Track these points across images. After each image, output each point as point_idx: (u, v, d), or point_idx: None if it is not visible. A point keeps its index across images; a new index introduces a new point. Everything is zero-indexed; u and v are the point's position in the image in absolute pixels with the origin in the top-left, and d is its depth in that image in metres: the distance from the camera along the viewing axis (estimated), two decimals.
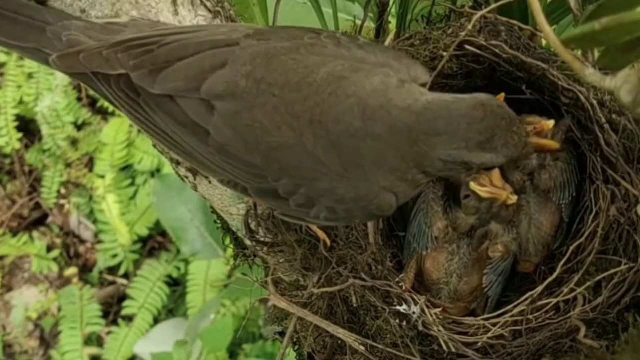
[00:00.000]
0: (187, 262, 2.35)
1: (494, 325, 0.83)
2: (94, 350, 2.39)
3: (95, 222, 2.55)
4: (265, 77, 0.66)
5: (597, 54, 0.82)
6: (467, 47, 0.85)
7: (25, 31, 0.69)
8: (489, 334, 0.82)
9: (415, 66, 0.70)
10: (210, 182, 0.85)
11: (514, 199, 0.85)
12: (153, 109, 0.68)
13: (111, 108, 2.57)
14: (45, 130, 2.54)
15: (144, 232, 2.44)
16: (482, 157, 0.64)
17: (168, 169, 2.33)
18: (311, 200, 0.68)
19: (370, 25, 0.93)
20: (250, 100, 0.66)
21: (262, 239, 0.87)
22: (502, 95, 0.72)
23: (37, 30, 0.69)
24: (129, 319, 2.38)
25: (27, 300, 2.52)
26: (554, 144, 0.74)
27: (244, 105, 0.66)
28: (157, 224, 2.42)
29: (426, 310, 0.82)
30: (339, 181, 0.66)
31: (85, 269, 2.59)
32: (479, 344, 0.82)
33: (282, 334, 0.93)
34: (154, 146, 0.88)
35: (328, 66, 0.66)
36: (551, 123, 0.85)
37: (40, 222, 2.65)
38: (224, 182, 0.73)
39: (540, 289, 0.84)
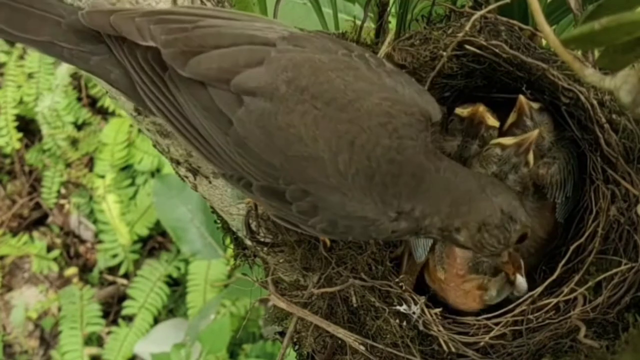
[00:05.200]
0: (187, 262, 2.35)
1: (495, 325, 0.83)
2: (94, 350, 2.39)
3: (95, 222, 2.55)
4: (310, 88, 0.67)
5: (597, 54, 0.82)
6: (467, 47, 0.85)
7: (39, 25, 0.68)
8: (490, 334, 0.82)
9: (433, 104, 0.73)
10: (210, 182, 0.85)
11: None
12: (178, 88, 0.67)
13: (111, 107, 2.57)
14: (45, 130, 2.54)
15: (144, 232, 2.45)
16: (526, 216, 0.73)
17: (168, 169, 2.33)
18: (315, 210, 0.68)
19: (370, 25, 0.93)
20: (289, 105, 0.66)
21: (262, 239, 0.87)
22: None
23: (51, 24, 0.68)
24: (129, 319, 2.38)
25: (27, 300, 2.52)
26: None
27: (281, 109, 0.66)
28: (157, 224, 2.42)
29: (426, 310, 0.82)
30: (353, 201, 0.68)
31: (85, 269, 2.59)
32: (480, 344, 0.82)
33: (282, 334, 0.93)
34: (154, 146, 0.88)
35: (375, 96, 0.68)
36: (536, 105, 0.88)
37: (40, 222, 2.65)
38: (226, 175, 0.72)
39: (540, 289, 0.84)
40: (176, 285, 2.43)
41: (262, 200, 0.73)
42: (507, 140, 0.87)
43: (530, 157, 0.87)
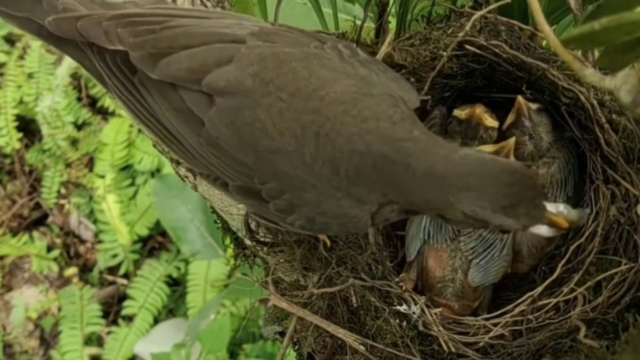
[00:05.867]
0: (187, 262, 2.35)
1: (494, 325, 0.83)
2: (94, 350, 2.39)
3: (95, 222, 2.55)
4: (275, 79, 0.65)
5: (597, 54, 0.82)
6: (467, 46, 0.85)
7: (21, 0, 0.67)
8: (490, 334, 0.82)
9: (410, 91, 0.71)
10: None
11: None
12: (148, 90, 0.67)
13: (112, 107, 2.57)
14: (45, 130, 2.54)
15: (144, 232, 2.44)
16: (503, 220, 0.65)
17: (168, 169, 2.33)
18: (292, 207, 0.67)
19: (370, 25, 0.93)
20: (255, 99, 0.65)
21: (262, 239, 0.87)
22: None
23: (33, 1, 0.67)
24: (129, 319, 2.38)
25: (27, 300, 2.52)
26: (564, 223, 0.74)
27: (247, 104, 0.65)
28: (157, 224, 2.42)
29: (426, 310, 0.82)
30: (326, 196, 0.66)
31: (85, 269, 2.59)
32: (480, 344, 0.82)
33: (282, 334, 0.93)
34: (154, 146, 0.88)
35: (340, 83, 0.66)
36: (535, 106, 0.88)
37: (40, 222, 2.65)
38: (203, 175, 0.72)
39: (540, 289, 0.84)
40: (176, 285, 2.43)
41: (240, 199, 0.72)
42: (487, 148, 0.87)
43: None
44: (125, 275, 2.52)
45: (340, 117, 0.64)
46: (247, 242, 0.89)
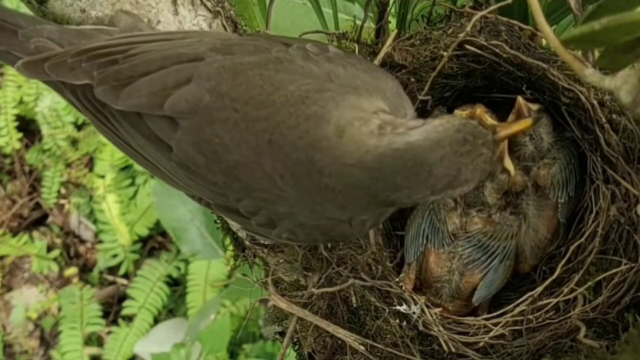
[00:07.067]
0: (187, 262, 2.35)
1: (495, 325, 0.83)
2: (94, 350, 2.39)
3: (95, 222, 2.55)
4: (229, 91, 0.64)
5: (597, 54, 0.82)
6: (468, 47, 0.85)
7: None
8: (490, 334, 0.82)
9: (386, 79, 0.68)
10: None
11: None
12: (118, 121, 0.67)
13: None
14: (45, 130, 2.54)
15: (144, 232, 2.44)
16: (451, 193, 0.61)
17: None
18: (272, 222, 0.66)
19: (370, 25, 0.93)
20: (211, 114, 0.64)
21: (262, 241, 0.87)
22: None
23: (8, 34, 0.68)
24: (129, 319, 2.38)
25: (27, 300, 2.52)
26: (524, 123, 0.68)
27: (205, 120, 0.64)
28: (157, 224, 2.42)
29: (426, 310, 0.82)
30: (299, 207, 0.64)
31: (85, 269, 2.59)
32: (480, 344, 0.82)
33: (282, 334, 0.93)
34: None
35: (295, 84, 0.63)
36: (535, 106, 0.87)
37: (40, 222, 2.65)
38: (189, 195, 0.72)
39: (540, 289, 0.84)
40: (176, 285, 2.43)
41: (225, 217, 0.72)
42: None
43: (508, 164, 0.86)
44: (125, 275, 2.52)
45: (288, 120, 0.62)
46: (247, 242, 0.89)
